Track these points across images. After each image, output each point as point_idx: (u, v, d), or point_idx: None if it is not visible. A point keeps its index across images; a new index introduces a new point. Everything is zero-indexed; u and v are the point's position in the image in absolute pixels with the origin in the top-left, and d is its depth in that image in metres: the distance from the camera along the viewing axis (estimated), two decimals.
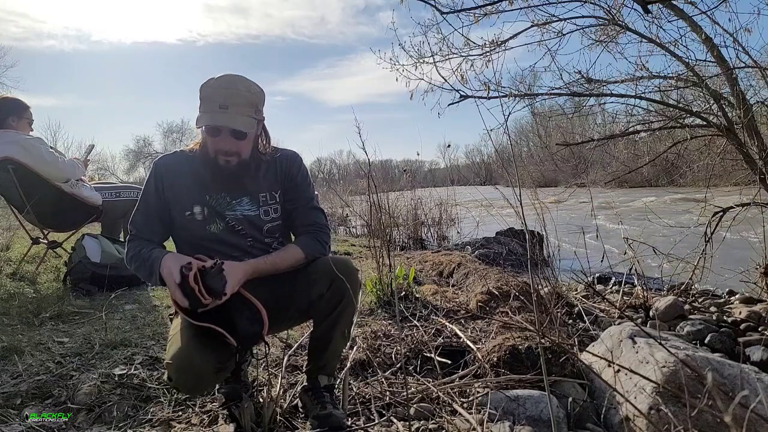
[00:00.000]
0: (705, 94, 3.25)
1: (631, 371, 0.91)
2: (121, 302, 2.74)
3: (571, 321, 2.39)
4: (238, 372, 1.55)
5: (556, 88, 3.53)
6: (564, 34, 3.56)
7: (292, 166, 1.48)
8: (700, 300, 2.79)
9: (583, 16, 3.46)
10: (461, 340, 2.06)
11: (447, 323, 2.30)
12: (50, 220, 3.14)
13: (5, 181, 2.86)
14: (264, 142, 1.45)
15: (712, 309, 2.58)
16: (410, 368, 1.88)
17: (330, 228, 1.58)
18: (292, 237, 1.53)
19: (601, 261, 2.91)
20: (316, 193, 1.55)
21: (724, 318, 2.37)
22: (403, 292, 2.82)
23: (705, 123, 3.18)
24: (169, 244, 1.48)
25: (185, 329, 1.23)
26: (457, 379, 1.73)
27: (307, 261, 1.40)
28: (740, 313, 2.41)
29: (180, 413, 1.51)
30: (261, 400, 1.53)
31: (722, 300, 2.79)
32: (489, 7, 3.40)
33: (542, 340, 1.63)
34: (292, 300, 1.40)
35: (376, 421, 1.45)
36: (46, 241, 3.21)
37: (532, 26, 3.56)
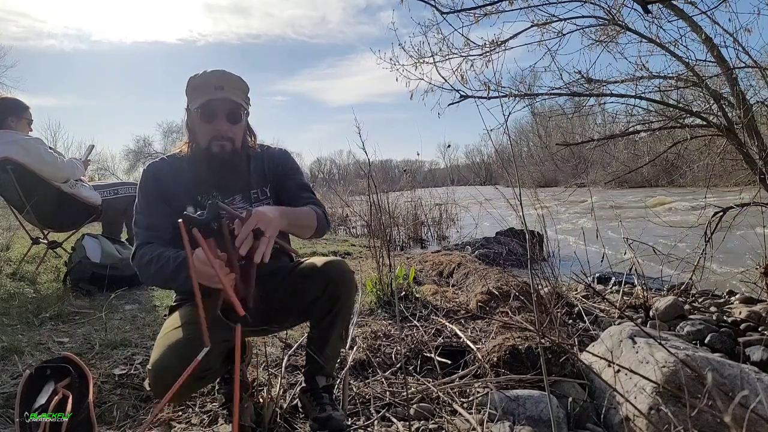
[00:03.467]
0: (705, 94, 3.25)
1: (631, 371, 0.91)
2: (121, 302, 2.74)
3: (571, 321, 2.39)
4: None
5: (556, 88, 3.54)
6: (564, 34, 3.56)
7: (280, 158, 1.49)
8: (700, 300, 2.79)
9: (583, 16, 3.46)
10: (461, 340, 2.06)
11: (447, 323, 2.30)
12: (50, 220, 3.14)
13: (5, 181, 2.86)
14: (251, 136, 1.46)
15: (712, 309, 2.58)
16: (410, 368, 1.88)
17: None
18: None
19: (601, 261, 2.92)
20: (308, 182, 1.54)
21: (724, 318, 2.37)
22: (403, 292, 2.82)
23: (705, 123, 3.18)
24: None
25: (168, 335, 1.20)
26: (457, 379, 1.73)
27: (314, 231, 1.36)
28: (740, 313, 2.41)
29: (180, 413, 1.51)
30: (261, 400, 1.53)
31: (722, 300, 2.79)
32: (489, 7, 3.40)
33: (542, 340, 1.63)
34: (288, 302, 1.39)
35: (376, 421, 1.45)
36: (46, 241, 3.21)
37: (532, 26, 3.56)
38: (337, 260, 1.42)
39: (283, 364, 1.80)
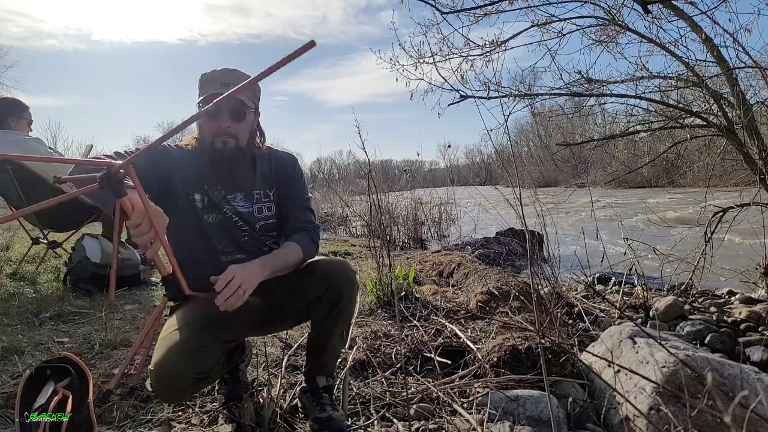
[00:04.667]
0: (705, 94, 3.25)
1: (631, 371, 0.91)
2: (121, 302, 2.74)
3: (571, 321, 2.39)
4: (236, 372, 1.55)
5: (556, 88, 3.54)
6: (564, 34, 3.56)
7: (287, 164, 1.49)
8: (700, 300, 2.79)
9: (583, 16, 3.47)
10: (461, 340, 2.06)
11: (447, 323, 2.30)
12: (50, 220, 3.14)
13: (4, 181, 2.86)
14: (259, 137, 1.46)
15: (712, 309, 2.58)
16: (410, 368, 1.88)
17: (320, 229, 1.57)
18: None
19: (601, 261, 2.91)
20: (310, 195, 1.55)
21: (724, 318, 2.37)
22: (403, 292, 2.82)
23: (705, 123, 3.18)
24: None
25: (171, 335, 1.21)
26: (457, 379, 1.73)
27: (301, 263, 1.38)
28: (740, 313, 2.41)
29: (180, 413, 1.51)
30: (261, 400, 1.53)
31: (722, 300, 2.79)
32: (489, 7, 3.40)
33: (542, 340, 1.63)
34: (289, 301, 1.39)
35: (376, 422, 1.45)
36: (46, 241, 3.21)
37: (532, 26, 3.57)
38: (339, 260, 1.42)
39: (283, 364, 1.80)
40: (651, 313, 2.45)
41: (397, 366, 1.86)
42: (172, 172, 1.33)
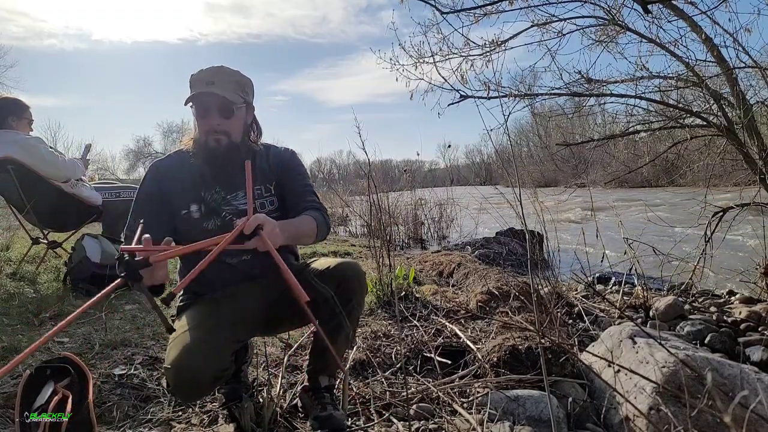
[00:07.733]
0: (705, 94, 3.25)
1: (631, 371, 0.91)
2: (121, 302, 2.73)
3: (571, 321, 2.39)
4: (237, 372, 1.55)
5: (556, 88, 3.54)
6: (564, 34, 3.56)
7: (285, 156, 1.50)
8: (700, 300, 2.79)
9: (583, 16, 3.47)
10: (461, 340, 2.06)
11: (447, 323, 2.30)
12: (50, 220, 3.14)
13: (5, 181, 2.86)
14: (255, 132, 1.46)
15: (712, 309, 2.57)
16: (410, 368, 1.88)
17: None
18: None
19: (601, 261, 2.91)
20: (312, 183, 1.55)
21: (724, 318, 2.37)
22: (403, 292, 2.82)
23: (705, 123, 3.17)
24: None
25: (185, 334, 1.21)
26: (457, 379, 1.73)
27: (314, 238, 1.37)
28: (740, 313, 2.41)
29: (180, 413, 1.51)
30: (261, 400, 1.53)
31: (722, 300, 2.79)
32: (489, 7, 3.40)
33: (542, 340, 1.63)
34: (297, 301, 1.39)
35: (376, 421, 1.45)
36: (46, 241, 3.21)
37: (532, 26, 3.56)
38: (350, 261, 1.41)
39: (283, 364, 1.81)
40: (651, 313, 2.45)
41: (397, 366, 1.86)
42: (170, 193, 1.36)
